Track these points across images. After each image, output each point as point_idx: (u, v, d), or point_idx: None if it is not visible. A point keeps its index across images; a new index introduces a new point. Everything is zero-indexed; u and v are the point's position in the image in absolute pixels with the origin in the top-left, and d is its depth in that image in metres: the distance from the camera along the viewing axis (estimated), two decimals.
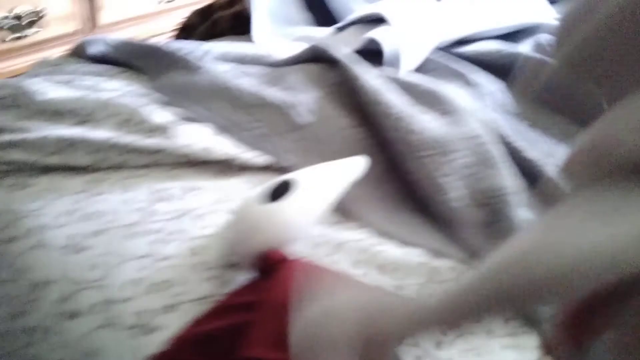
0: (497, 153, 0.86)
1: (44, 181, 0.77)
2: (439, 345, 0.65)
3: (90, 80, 0.93)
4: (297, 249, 0.67)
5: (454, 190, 0.82)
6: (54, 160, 0.78)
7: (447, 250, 0.79)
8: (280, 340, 0.53)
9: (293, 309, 0.37)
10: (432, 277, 0.75)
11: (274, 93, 0.92)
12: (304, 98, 0.92)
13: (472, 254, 0.80)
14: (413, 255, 0.77)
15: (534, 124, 1.01)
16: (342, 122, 0.90)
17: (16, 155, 0.77)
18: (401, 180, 0.87)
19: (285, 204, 0.60)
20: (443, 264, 0.77)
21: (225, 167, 0.84)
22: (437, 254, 0.78)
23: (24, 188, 0.76)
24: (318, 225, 0.73)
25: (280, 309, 0.54)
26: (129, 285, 0.63)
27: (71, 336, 0.61)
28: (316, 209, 0.64)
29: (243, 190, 0.81)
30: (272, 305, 0.54)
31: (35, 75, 0.92)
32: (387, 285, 0.71)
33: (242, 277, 0.66)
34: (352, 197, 0.78)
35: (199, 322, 0.58)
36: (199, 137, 0.83)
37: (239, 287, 0.61)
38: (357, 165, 0.75)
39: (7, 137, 0.77)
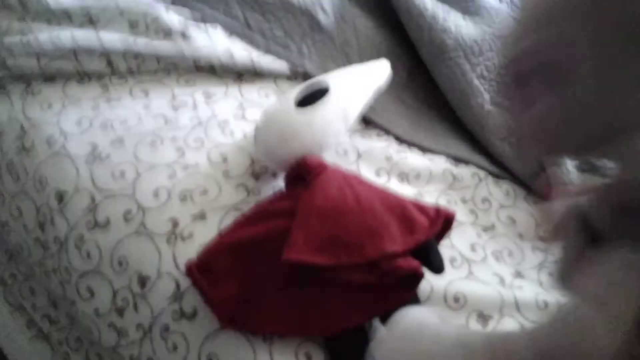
0: None
1: (57, 88, 0.73)
2: None
3: None
4: (324, 156, 0.66)
5: (487, 93, 0.80)
6: (65, 65, 0.74)
7: (472, 157, 0.78)
8: (323, 245, 0.53)
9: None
10: (453, 184, 0.75)
11: None
12: None
13: (500, 161, 0.79)
14: (435, 163, 0.77)
15: None
16: (364, 23, 0.86)
17: (24, 60, 0.72)
18: (426, 87, 0.85)
19: (322, 109, 0.58)
20: (465, 171, 0.77)
21: (243, 73, 0.80)
22: (460, 160, 0.78)
23: (36, 95, 0.72)
24: (346, 132, 0.71)
25: (323, 214, 0.54)
26: (159, 193, 0.62)
27: (105, 245, 0.60)
28: (350, 114, 0.62)
29: (264, 97, 0.78)
30: (314, 210, 0.54)
31: None
32: (409, 192, 0.71)
33: (275, 184, 0.65)
34: (375, 104, 0.76)
35: (236, 228, 0.57)
36: (218, 42, 0.79)
37: (275, 194, 0.60)
38: (383, 70, 0.72)
39: (14, 40, 0.72)
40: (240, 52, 0.79)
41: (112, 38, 0.74)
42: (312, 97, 0.62)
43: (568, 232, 0.35)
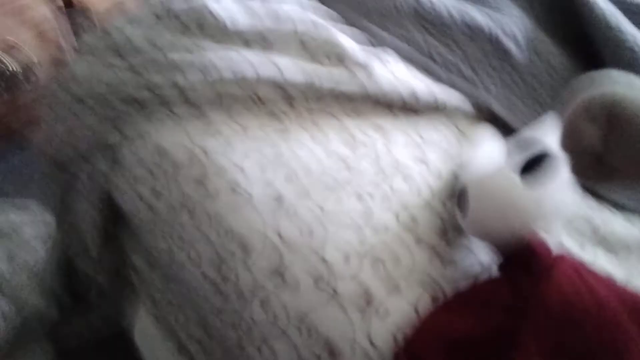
0: None
1: (226, 115, 0.69)
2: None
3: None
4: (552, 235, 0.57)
5: None
6: (238, 92, 0.69)
7: None
8: (557, 358, 0.46)
9: None
10: None
11: (477, 16, 0.77)
12: (511, 23, 0.77)
13: None
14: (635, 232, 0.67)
15: None
16: (559, 60, 0.76)
17: (197, 82, 0.68)
18: None
19: (552, 182, 0.51)
20: None
21: (422, 109, 0.73)
22: None
23: (209, 124, 0.69)
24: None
25: (558, 320, 0.47)
26: (350, 257, 0.58)
27: (292, 306, 0.57)
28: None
29: (443, 138, 0.71)
30: (547, 314, 0.47)
31: None
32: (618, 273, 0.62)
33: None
34: None
35: (444, 314, 0.52)
36: (401, 77, 0.72)
37: (491, 278, 0.54)
38: None
39: (184, 58, 0.68)
40: (423, 88, 0.72)
41: (292, 69, 0.69)
42: (531, 163, 0.54)
43: None
